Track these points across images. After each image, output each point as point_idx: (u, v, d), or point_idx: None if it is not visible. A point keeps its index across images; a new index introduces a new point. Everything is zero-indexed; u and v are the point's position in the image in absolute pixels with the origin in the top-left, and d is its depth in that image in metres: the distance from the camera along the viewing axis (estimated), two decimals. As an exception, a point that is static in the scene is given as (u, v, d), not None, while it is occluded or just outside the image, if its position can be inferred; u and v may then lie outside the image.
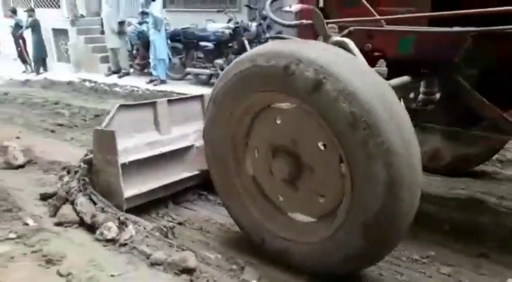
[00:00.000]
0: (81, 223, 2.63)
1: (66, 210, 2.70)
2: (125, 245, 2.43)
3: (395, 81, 2.15)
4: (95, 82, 8.60)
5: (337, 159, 1.79)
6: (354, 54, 1.91)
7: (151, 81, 8.17)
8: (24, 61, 11.65)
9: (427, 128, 2.18)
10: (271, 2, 2.63)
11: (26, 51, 11.49)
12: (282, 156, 1.99)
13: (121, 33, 8.80)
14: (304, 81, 1.67)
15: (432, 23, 1.97)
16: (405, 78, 2.19)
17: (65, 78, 9.19)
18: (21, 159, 3.73)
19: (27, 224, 2.54)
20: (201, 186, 3.01)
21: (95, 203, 2.63)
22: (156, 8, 7.83)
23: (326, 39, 2.06)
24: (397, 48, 2.10)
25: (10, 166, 3.66)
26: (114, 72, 9.20)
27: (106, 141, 2.56)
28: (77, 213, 2.62)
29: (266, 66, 1.79)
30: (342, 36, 2.07)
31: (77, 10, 10.34)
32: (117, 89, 7.95)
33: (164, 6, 9.55)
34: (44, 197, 2.96)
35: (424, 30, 1.97)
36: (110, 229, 2.54)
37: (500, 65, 1.92)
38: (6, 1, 14.18)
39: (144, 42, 8.53)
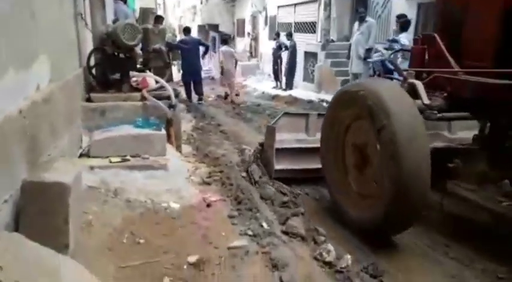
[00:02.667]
0: (303, 238, 2.85)
1: (294, 223, 2.96)
2: (341, 272, 2.49)
3: (452, 114, 3.03)
4: (332, 103, 9.12)
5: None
6: (419, 92, 2.90)
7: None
8: (276, 78, 13.42)
9: (480, 153, 2.92)
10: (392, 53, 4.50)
11: (281, 70, 13.20)
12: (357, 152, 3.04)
13: (366, 59, 9.04)
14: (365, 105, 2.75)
15: (497, 75, 2.60)
16: (464, 114, 3.04)
17: (307, 97, 10.11)
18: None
19: (262, 226, 2.89)
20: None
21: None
22: (406, 37, 7.70)
23: (405, 80, 3.11)
24: (464, 91, 2.84)
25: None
26: (351, 96, 9.54)
27: (271, 133, 4.00)
28: (249, 175, 3.89)
29: (351, 91, 2.98)
30: (426, 80, 3.03)
31: (329, 35, 11.21)
32: (352, 112, 8.23)
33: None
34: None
35: (475, 80, 2.71)
36: (329, 253, 2.65)
37: None
38: (272, 26, 16.70)
39: (386, 70, 8.52)
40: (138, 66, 4.42)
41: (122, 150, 3.38)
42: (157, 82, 4.29)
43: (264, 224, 2.92)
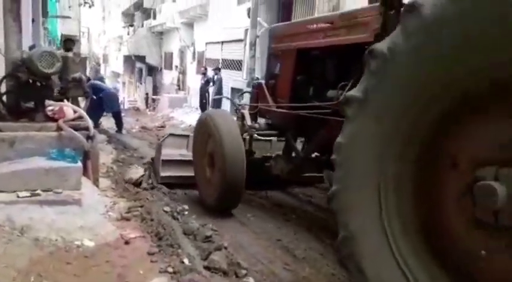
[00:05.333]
0: (225, 273, 2.83)
1: (216, 257, 2.93)
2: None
3: (265, 132, 4.50)
4: (257, 138, 9.37)
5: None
6: (246, 118, 4.36)
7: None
8: (204, 111, 13.53)
9: (285, 158, 4.27)
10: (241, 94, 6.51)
11: (208, 103, 13.39)
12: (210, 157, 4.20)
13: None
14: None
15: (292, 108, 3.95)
16: (274, 132, 4.49)
17: (233, 131, 10.27)
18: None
19: (183, 262, 2.81)
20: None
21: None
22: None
23: (238, 110, 4.64)
24: (275, 119, 4.34)
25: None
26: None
27: (158, 148, 5.18)
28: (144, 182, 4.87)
29: (202, 117, 4.48)
30: (254, 111, 4.50)
31: (254, 73, 11.66)
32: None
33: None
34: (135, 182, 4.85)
35: (274, 110, 4.20)
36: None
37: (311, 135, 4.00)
38: (200, 62, 16.96)
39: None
40: (56, 94, 4.19)
41: (32, 184, 3.14)
42: (75, 112, 4.10)
43: (186, 260, 2.84)
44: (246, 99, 10.71)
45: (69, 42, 6.64)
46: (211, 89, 13.17)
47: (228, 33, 13.95)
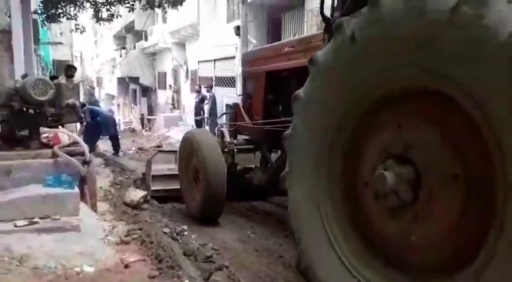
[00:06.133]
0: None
1: (218, 278, 2.91)
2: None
3: (243, 147, 4.91)
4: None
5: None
6: (225, 135, 4.87)
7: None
8: (199, 127, 13.56)
9: (262, 169, 4.63)
10: (221, 116, 8.07)
11: (204, 120, 13.48)
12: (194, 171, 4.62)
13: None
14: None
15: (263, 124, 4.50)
16: (252, 146, 4.90)
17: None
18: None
19: (184, 284, 2.79)
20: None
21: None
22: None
23: (219, 129, 5.16)
24: (251, 135, 4.85)
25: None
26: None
27: (148, 164, 5.60)
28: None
29: (186, 136, 4.91)
30: (233, 128, 4.99)
31: (247, 89, 11.78)
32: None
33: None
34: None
35: (250, 126, 4.73)
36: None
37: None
38: (194, 80, 17.05)
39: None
40: (50, 121, 4.20)
41: (29, 212, 3.12)
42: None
43: (186, 282, 2.82)
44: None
45: (70, 68, 6.67)
46: (206, 107, 13.24)
47: (220, 51, 14.08)
